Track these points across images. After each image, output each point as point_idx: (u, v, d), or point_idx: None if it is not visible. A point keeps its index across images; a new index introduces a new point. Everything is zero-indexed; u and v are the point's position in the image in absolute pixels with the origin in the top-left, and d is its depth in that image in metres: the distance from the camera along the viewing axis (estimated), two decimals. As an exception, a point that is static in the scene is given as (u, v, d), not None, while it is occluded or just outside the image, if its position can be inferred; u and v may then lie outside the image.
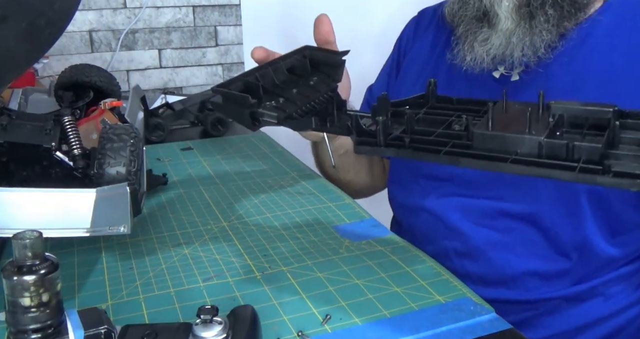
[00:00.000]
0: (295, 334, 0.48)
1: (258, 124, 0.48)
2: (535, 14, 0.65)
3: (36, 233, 0.38)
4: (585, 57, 0.67)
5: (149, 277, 0.58)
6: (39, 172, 0.62)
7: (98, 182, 0.57)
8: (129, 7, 1.65)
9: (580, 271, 0.68)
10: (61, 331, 0.40)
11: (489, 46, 0.67)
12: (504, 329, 0.49)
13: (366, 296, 0.54)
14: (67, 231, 0.52)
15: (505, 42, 0.66)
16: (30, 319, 0.38)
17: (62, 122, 0.65)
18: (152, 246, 0.64)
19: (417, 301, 0.53)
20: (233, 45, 1.77)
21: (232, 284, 0.57)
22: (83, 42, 1.63)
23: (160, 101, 1.26)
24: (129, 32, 1.66)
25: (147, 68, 1.71)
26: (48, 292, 0.38)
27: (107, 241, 0.65)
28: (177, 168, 0.91)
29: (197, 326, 0.42)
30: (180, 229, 0.69)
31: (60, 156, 0.62)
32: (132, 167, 0.58)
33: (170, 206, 0.76)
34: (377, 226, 0.70)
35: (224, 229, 0.69)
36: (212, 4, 1.73)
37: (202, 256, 0.62)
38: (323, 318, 0.50)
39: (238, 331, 0.43)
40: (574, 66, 0.67)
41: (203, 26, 1.74)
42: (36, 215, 0.52)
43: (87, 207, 0.53)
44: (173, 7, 1.70)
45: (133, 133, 0.61)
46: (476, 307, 0.52)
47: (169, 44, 1.72)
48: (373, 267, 0.59)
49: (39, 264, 0.38)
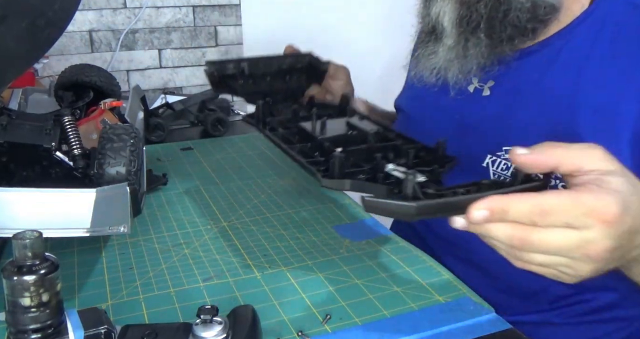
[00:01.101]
0: (295, 334, 0.48)
1: None
2: (469, 38, 0.65)
3: (36, 233, 0.38)
4: (555, 73, 0.65)
5: (149, 277, 0.58)
6: (39, 172, 0.62)
7: (98, 182, 0.57)
8: (129, 7, 1.65)
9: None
10: (61, 331, 0.40)
11: (432, 61, 0.68)
12: (504, 329, 0.49)
13: (366, 296, 0.54)
14: (67, 231, 0.52)
15: (444, 59, 0.67)
16: (30, 319, 0.38)
17: (62, 122, 0.65)
18: (152, 246, 0.64)
19: (417, 301, 0.53)
20: (233, 45, 1.77)
21: (232, 284, 0.57)
22: (83, 42, 1.63)
23: (160, 101, 1.26)
24: (129, 32, 1.66)
25: (147, 68, 1.71)
26: (48, 292, 0.38)
27: (107, 241, 0.65)
28: (177, 168, 0.91)
29: (197, 326, 0.42)
30: (180, 229, 0.69)
31: (60, 156, 0.62)
32: (132, 167, 0.58)
33: (170, 206, 0.76)
34: (377, 226, 0.70)
35: (224, 229, 0.69)
36: (212, 4, 1.73)
37: (202, 256, 0.62)
38: (323, 318, 0.50)
39: (238, 331, 0.43)
40: (545, 83, 0.65)
41: (203, 26, 1.74)
42: (36, 215, 0.52)
43: (87, 207, 0.53)
44: (173, 7, 1.70)
45: (133, 133, 0.61)
46: (476, 307, 0.52)
47: (169, 44, 1.72)
48: (373, 267, 0.59)
49: (39, 264, 0.38)
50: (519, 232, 0.41)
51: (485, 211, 0.41)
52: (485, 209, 0.41)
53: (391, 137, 0.62)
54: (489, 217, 0.41)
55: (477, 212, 0.41)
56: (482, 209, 0.41)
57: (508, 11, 0.63)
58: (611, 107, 0.59)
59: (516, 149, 0.44)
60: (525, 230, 0.41)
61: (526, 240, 0.41)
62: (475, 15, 0.64)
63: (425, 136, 0.75)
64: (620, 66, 0.60)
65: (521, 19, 0.63)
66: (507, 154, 0.59)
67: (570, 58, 0.64)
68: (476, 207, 0.41)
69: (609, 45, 0.62)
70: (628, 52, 0.60)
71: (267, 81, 0.81)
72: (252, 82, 0.81)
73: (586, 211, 0.40)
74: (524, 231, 0.41)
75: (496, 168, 0.66)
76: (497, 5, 0.63)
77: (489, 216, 0.41)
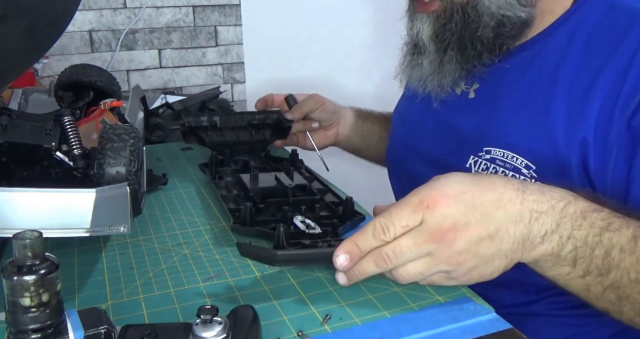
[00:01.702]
0: (295, 334, 0.48)
1: None
2: (444, 54, 0.69)
3: (36, 233, 0.38)
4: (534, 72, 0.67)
5: (149, 277, 0.58)
6: (39, 172, 0.62)
7: (98, 182, 0.57)
8: (129, 7, 1.65)
9: None
10: (61, 331, 0.40)
11: (418, 73, 0.72)
12: (504, 329, 0.49)
13: (366, 296, 0.54)
14: (67, 231, 0.52)
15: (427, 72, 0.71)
16: (30, 319, 0.38)
17: (62, 122, 0.65)
18: (152, 246, 0.64)
19: (417, 301, 0.53)
20: (233, 45, 1.77)
21: (232, 284, 0.57)
22: (83, 42, 1.63)
23: (160, 101, 1.27)
24: (129, 32, 1.66)
25: (147, 68, 1.71)
26: (48, 292, 0.38)
27: (107, 241, 0.65)
28: (177, 168, 0.91)
29: (197, 326, 0.42)
30: (180, 229, 0.69)
31: (60, 156, 0.62)
32: (132, 167, 0.58)
33: (170, 206, 0.76)
34: (377, 226, 0.69)
35: (224, 229, 0.69)
36: (212, 4, 1.73)
37: (202, 256, 0.62)
38: (323, 318, 0.50)
39: (238, 331, 0.43)
40: (524, 82, 0.68)
41: (203, 26, 1.74)
42: (36, 215, 0.52)
43: (87, 207, 0.53)
44: (173, 7, 1.70)
45: (133, 133, 0.61)
46: (476, 307, 0.52)
47: (169, 44, 1.72)
48: (373, 267, 0.59)
49: (39, 264, 0.38)
50: (378, 255, 0.48)
51: (343, 255, 0.49)
52: (343, 253, 0.49)
53: (313, 192, 0.73)
54: (350, 258, 0.49)
55: (340, 258, 0.49)
56: (341, 255, 0.49)
57: (477, 29, 0.67)
58: (583, 95, 0.62)
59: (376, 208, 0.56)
60: (380, 250, 0.48)
61: (387, 255, 0.47)
62: (448, 33, 0.68)
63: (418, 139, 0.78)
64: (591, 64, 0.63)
65: (487, 36, 0.67)
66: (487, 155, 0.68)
67: (548, 58, 0.67)
68: (336, 255, 0.49)
69: (582, 45, 0.64)
70: (599, 52, 0.63)
71: (234, 133, 0.93)
72: (220, 134, 0.92)
73: (411, 208, 0.47)
74: (380, 251, 0.48)
75: (477, 168, 0.68)
76: (467, 23, 0.67)
77: (350, 257, 0.49)
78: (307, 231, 0.62)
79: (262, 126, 0.95)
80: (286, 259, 0.52)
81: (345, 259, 0.49)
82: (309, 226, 0.63)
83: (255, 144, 0.93)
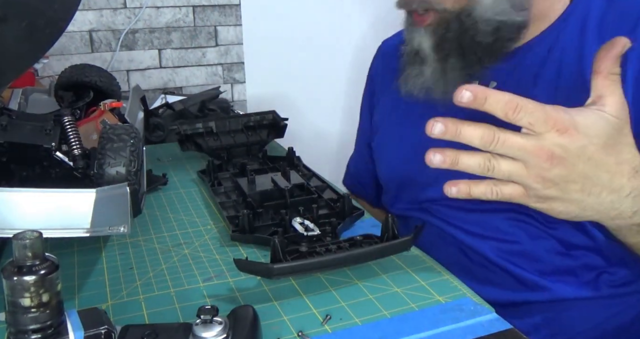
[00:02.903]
0: (295, 334, 0.48)
1: None
2: (446, 63, 0.70)
3: (36, 233, 0.38)
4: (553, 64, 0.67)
5: (149, 277, 0.58)
6: (39, 172, 0.62)
7: (98, 182, 0.57)
8: (129, 7, 1.65)
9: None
10: (61, 331, 0.40)
11: (420, 81, 0.72)
12: (504, 329, 0.49)
13: (366, 296, 0.54)
14: (67, 231, 0.52)
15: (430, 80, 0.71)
16: (30, 320, 0.38)
17: (62, 122, 0.65)
18: (152, 246, 0.64)
19: (417, 301, 0.53)
20: (233, 45, 1.77)
21: (232, 284, 0.57)
22: (83, 42, 1.63)
23: (160, 101, 1.27)
24: (129, 32, 1.66)
25: (147, 68, 1.71)
26: (48, 292, 0.38)
27: (107, 241, 0.65)
28: (177, 168, 0.91)
29: (197, 326, 0.42)
30: (180, 229, 0.69)
31: (60, 156, 0.62)
32: (132, 167, 0.58)
33: (170, 206, 0.76)
34: (377, 226, 0.69)
35: (224, 229, 0.69)
36: (212, 4, 1.73)
37: (202, 256, 0.62)
38: (323, 318, 0.50)
39: (238, 331, 0.43)
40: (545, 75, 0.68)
41: (203, 26, 1.74)
42: (36, 215, 0.52)
43: (87, 208, 0.53)
44: (173, 7, 1.70)
45: (133, 133, 0.61)
46: (476, 307, 0.52)
47: (169, 44, 1.72)
48: (373, 267, 0.59)
49: (39, 264, 0.38)
50: (488, 131, 0.47)
51: (470, 92, 0.46)
52: (471, 92, 0.46)
53: (311, 190, 0.72)
54: (472, 99, 0.46)
55: (465, 93, 0.46)
56: (468, 91, 0.46)
57: (474, 35, 0.67)
58: None
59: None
60: (493, 129, 0.47)
61: (494, 137, 0.47)
62: (447, 43, 0.69)
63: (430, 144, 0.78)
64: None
65: (486, 42, 0.67)
66: None
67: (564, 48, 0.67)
68: (465, 88, 0.46)
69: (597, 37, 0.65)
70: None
71: (231, 137, 0.93)
72: (216, 138, 0.93)
73: (546, 117, 0.46)
74: (493, 131, 0.47)
75: None
76: (464, 31, 0.67)
77: (473, 98, 0.46)
78: (305, 234, 0.61)
79: (258, 126, 0.96)
80: (284, 272, 0.53)
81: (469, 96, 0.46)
82: (307, 228, 0.62)
83: (253, 145, 0.93)
